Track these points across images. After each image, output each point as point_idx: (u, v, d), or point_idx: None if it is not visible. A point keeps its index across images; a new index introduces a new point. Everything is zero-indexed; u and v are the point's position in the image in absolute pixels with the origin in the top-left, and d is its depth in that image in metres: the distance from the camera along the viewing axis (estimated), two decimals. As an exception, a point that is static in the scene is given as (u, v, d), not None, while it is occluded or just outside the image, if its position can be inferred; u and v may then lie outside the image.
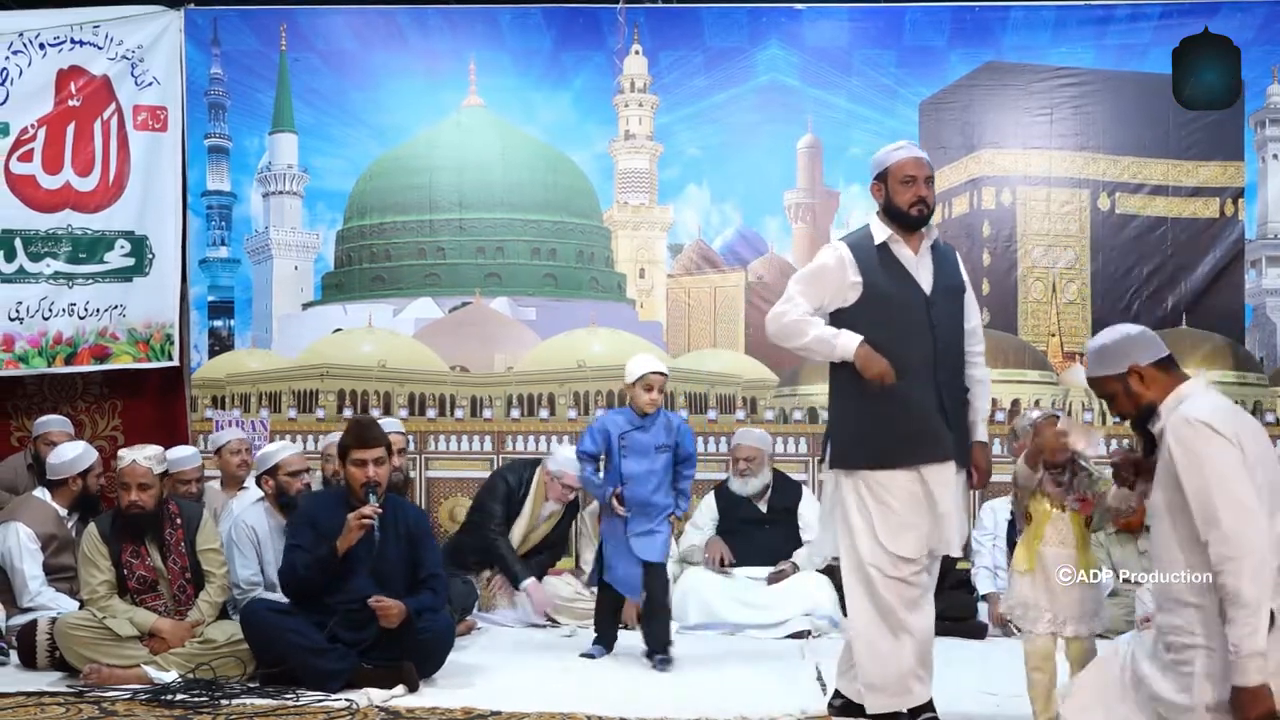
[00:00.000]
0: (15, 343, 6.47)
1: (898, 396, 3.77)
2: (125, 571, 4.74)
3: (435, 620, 4.63)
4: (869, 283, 3.85)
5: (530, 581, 5.87)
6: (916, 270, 3.88)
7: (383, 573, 4.59)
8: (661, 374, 5.04)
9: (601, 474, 5.16)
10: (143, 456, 4.75)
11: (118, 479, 4.81)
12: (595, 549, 6.11)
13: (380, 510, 4.54)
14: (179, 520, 4.87)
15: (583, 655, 5.12)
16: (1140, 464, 3.37)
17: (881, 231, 3.90)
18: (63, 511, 5.45)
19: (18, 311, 6.47)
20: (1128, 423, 3.32)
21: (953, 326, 3.91)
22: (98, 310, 6.60)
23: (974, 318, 4.00)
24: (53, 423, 6.16)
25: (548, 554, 6.16)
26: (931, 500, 3.80)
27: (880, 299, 3.84)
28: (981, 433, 3.96)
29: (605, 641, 5.19)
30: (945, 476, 3.81)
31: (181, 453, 5.77)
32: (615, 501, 4.99)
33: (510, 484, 6.04)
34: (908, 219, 3.87)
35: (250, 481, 6.12)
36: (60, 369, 6.59)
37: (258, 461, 5.68)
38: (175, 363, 6.80)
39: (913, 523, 3.80)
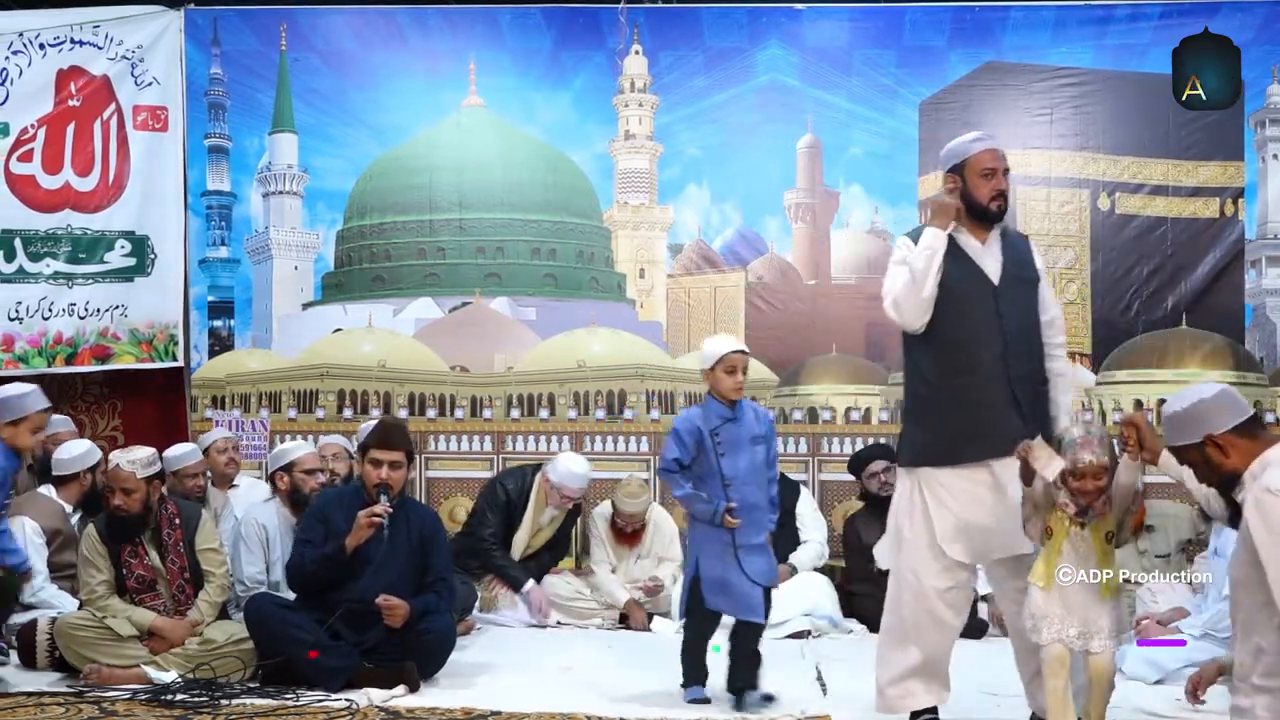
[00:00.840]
0: (15, 343, 6.47)
1: (967, 390, 3.70)
2: (124, 571, 4.74)
3: (437, 621, 4.63)
4: None
5: (530, 585, 5.89)
6: (983, 260, 3.78)
7: (391, 574, 4.59)
8: (744, 352, 4.35)
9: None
10: (126, 460, 4.74)
11: (105, 480, 4.82)
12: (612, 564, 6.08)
13: (390, 510, 4.54)
14: (177, 520, 4.86)
15: (692, 702, 4.30)
16: (1141, 427, 3.28)
17: None
18: (68, 508, 5.46)
19: (17, 311, 6.47)
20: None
21: (1024, 317, 3.79)
22: (98, 310, 6.59)
23: (1051, 309, 3.89)
24: (56, 422, 6.15)
25: (548, 555, 6.16)
26: (1001, 495, 3.67)
27: (946, 291, 3.72)
28: (1063, 427, 3.80)
29: (700, 679, 4.36)
30: (1017, 471, 3.64)
31: (181, 449, 5.79)
32: (729, 517, 4.22)
33: (510, 493, 6.03)
34: (988, 214, 3.77)
35: (240, 479, 6.20)
36: (61, 369, 6.59)
37: (272, 458, 5.69)
38: (180, 363, 6.79)
39: (968, 525, 3.69)
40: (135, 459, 4.76)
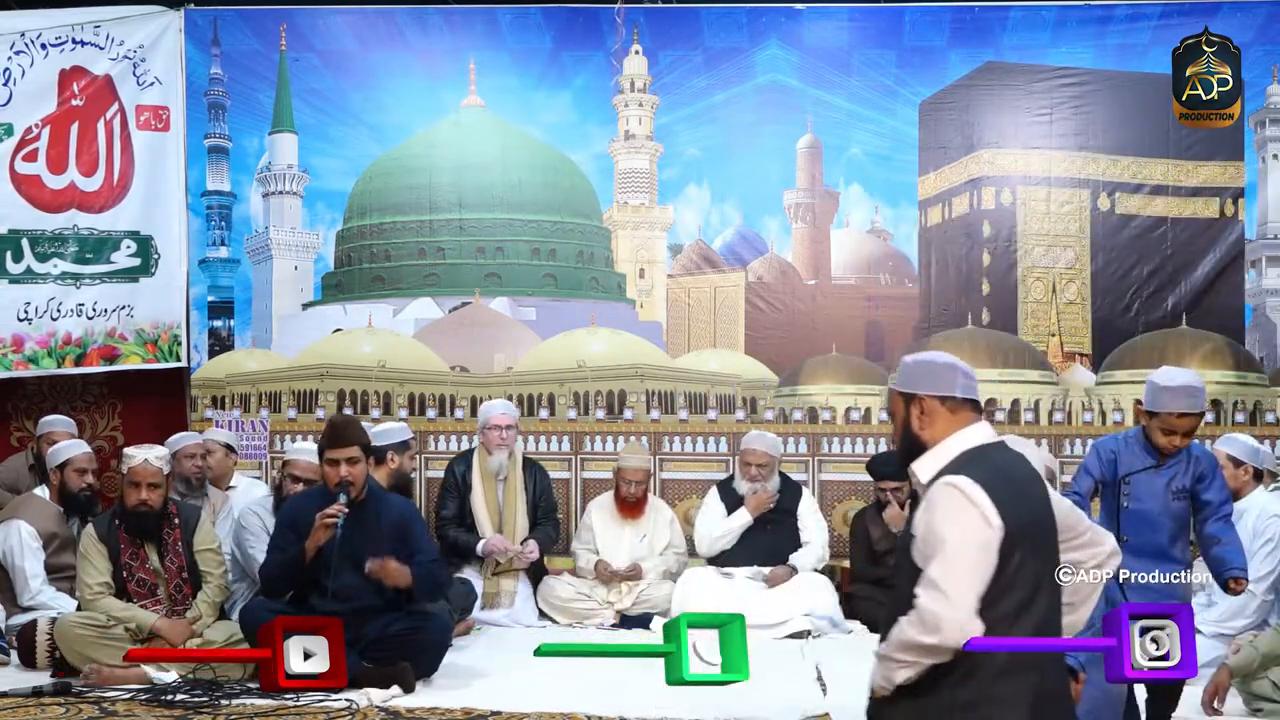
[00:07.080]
0: (25, 343, 6.46)
1: None
2: (125, 574, 4.75)
3: (432, 620, 4.63)
4: None
5: (482, 542, 5.97)
6: None
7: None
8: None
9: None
10: (155, 456, 4.78)
11: (126, 477, 4.80)
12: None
13: (346, 510, 4.50)
14: (176, 520, 4.88)
15: None
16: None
17: None
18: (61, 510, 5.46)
19: (26, 312, 6.46)
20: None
21: None
22: (105, 310, 6.59)
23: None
24: (57, 423, 6.15)
25: (553, 529, 6.21)
26: None
27: None
28: None
29: None
30: None
31: (180, 434, 5.93)
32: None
33: (456, 472, 6.19)
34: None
35: (239, 479, 6.25)
36: (70, 370, 6.57)
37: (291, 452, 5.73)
38: (184, 363, 6.80)
39: None
40: (159, 455, 4.81)
